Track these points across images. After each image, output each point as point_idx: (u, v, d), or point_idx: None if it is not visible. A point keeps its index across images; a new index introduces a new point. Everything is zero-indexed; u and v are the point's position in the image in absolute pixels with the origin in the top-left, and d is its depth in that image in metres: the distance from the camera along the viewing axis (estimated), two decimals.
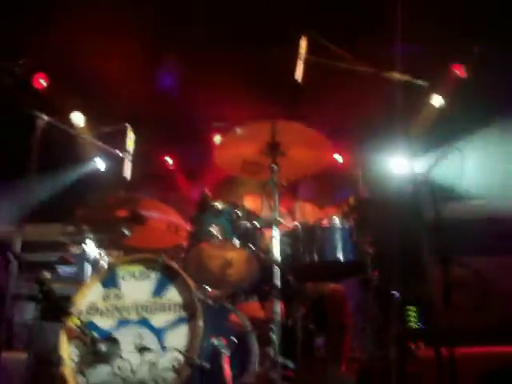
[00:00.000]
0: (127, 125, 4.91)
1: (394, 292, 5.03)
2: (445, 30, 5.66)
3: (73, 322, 3.33)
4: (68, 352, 3.33)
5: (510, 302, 5.36)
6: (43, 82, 6.36)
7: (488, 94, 5.81)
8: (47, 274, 4.93)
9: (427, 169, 3.70)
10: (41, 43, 5.75)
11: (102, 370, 3.26)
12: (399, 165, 5.75)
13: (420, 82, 3.65)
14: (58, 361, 3.32)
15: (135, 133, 4.79)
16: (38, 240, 5.52)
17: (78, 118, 6.52)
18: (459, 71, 6.04)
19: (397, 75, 3.60)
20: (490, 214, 5.85)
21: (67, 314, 3.36)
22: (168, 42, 6.38)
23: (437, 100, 6.23)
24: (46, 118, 4.01)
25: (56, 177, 6.90)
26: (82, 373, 3.29)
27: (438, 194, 3.66)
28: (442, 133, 5.89)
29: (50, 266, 5.11)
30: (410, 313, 4.94)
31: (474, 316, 4.87)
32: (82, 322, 3.34)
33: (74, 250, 5.16)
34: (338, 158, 6.58)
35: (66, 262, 5.19)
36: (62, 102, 6.36)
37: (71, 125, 6.36)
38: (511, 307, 5.28)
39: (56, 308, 3.54)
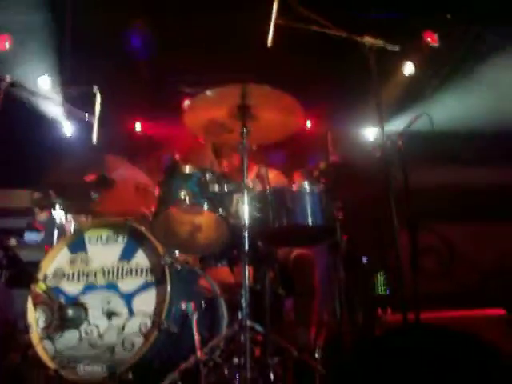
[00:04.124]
0: (96, 87, 4.80)
1: (362, 257, 5.12)
2: None
3: (39, 288, 3.29)
4: (35, 318, 3.30)
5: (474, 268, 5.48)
6: (6, 44, 6.16)
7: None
8: (13, 240, 4.89)
9: (397, 134, 3.70)
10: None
11: (70, 336, 3.25)
12: (369, 130, 5.79)
13: (392, 46, 3.62)
14: (24, 327, 3.30)
15: (103, 96, 4.69)
16: (4, 206, 5.41)
17: (45, 82, 6.34)
18: (431, 39, 6.02)
19: (369, 40, 3.56)
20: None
21: (33, 279, 3.31)
22: (138, 5, 6.25)
23: (408, 67, 6.22)
24: (8, 79, 3.89)
25: (21, 142, 6.74)
26: (50, 338, 3.27)
27: (407, 159, 3.67)
28: (412, 98, 5.91)
29: (17, 233, 5.04)
30: (377, 278, 5.02)
31: (439, 281, 4.96)
32: (48, 287, 3.30)
33: (42, 216, 5.09)
34: (307, 122, 6.59)
35: (33, 228, 5.12)
36: (28, 65, 6.18)
37: (37, 88, 6.18)
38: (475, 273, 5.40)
39: (22, 274, 3.49)
